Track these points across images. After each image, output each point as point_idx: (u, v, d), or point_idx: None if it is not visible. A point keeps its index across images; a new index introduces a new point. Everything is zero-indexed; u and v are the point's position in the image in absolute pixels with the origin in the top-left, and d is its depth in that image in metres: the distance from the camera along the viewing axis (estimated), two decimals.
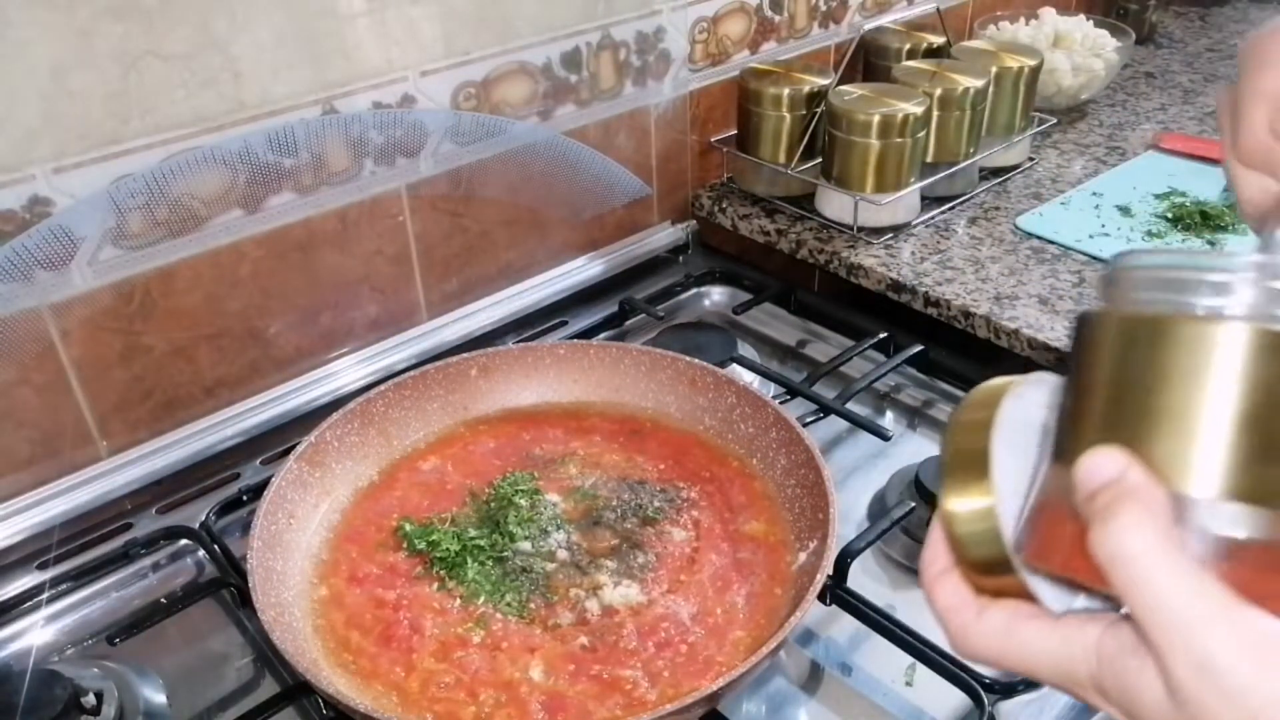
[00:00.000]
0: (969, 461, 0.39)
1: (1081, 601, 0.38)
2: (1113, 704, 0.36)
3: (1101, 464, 0.35)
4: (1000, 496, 0.38)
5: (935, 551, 0.41)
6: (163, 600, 0.79)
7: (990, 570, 0.39)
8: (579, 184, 1.12)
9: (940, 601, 0.41)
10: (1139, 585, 0.33)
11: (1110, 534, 0.33)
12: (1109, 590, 0.34)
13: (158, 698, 0.71)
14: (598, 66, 1.08)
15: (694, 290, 1.18)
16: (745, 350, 1.03)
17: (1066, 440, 0.37)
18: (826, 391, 0.94)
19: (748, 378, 0.95)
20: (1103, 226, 1.18)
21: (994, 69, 1.23)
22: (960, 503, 0.39)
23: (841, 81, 1.19)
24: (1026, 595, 0.38)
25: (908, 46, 1.32)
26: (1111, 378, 0.36)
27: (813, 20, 1.32)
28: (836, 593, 0.74)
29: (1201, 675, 0.32)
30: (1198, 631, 0.32)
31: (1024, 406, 0.40)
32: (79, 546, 0.84)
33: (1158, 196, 1.24)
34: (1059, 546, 0.36)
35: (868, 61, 1.35)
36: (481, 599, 0.72)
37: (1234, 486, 0.33)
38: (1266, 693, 0.31)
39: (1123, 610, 0.35)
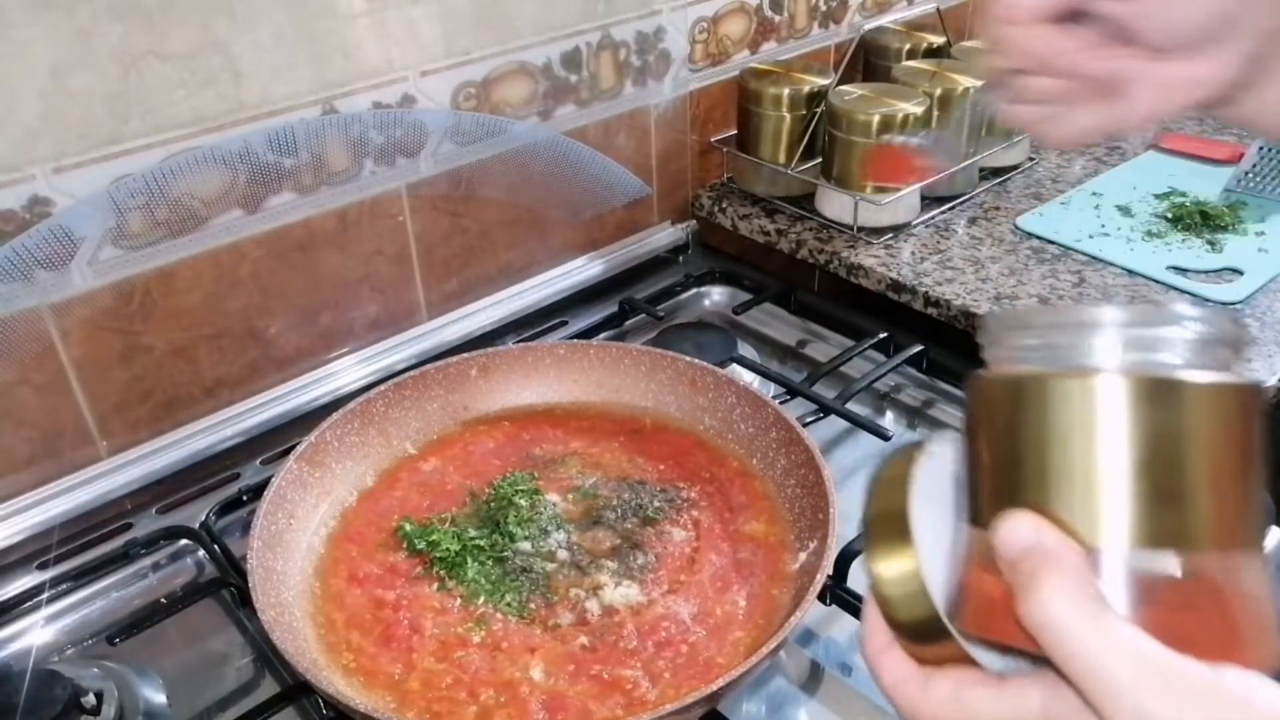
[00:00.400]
0: (890, 522, 0.39)
1: (1022, 660, 0.37)
2: None
3: (1016, 531, 0.35)
4: (924, 557, 0.38)
5: (874, 627, 0.41)
6: (163, 600, 0.79)
7: (925, 636, 0.39)
8: (579, 184, 1.12)
9: (886, 677, 0.41)
10: (1072, 652, 0.33)
11: (1036, 603, 0.34)
12: (1040, 653, 0.34)
13: (158, 698, 0.71)
14: (598, 66, 1.08)
15: (694, 290, 1.18)
16: (745, 350, 1.03)
17: (976, 503, 0.38)
18: (826, 391, 0.94)
19: (748, 378, 0.95)
20: (1103, 226, 1.18)
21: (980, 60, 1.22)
22: (886, 565, 0.39)
23: (841, 81, 1.19)
24: (966, 659, 0.38)
25: (908, 46, 1.32)
26: (1004, 439, 0.37)
27: (813, 20, 1.32)
28: (836, 593, 0.74)
29: None
30: (1137, 692, 0.32)
31: (939, 465, 0.41)
32: (79, 546, 0.84)
33: (1158, 196, 1.24)
34: (989, 612, 0.36)
35: (868, 61, 1.36)
36: (481, 599, 0.72)
37: (1140, 534, 0.34)
38: None
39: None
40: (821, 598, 0.73)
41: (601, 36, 1.07)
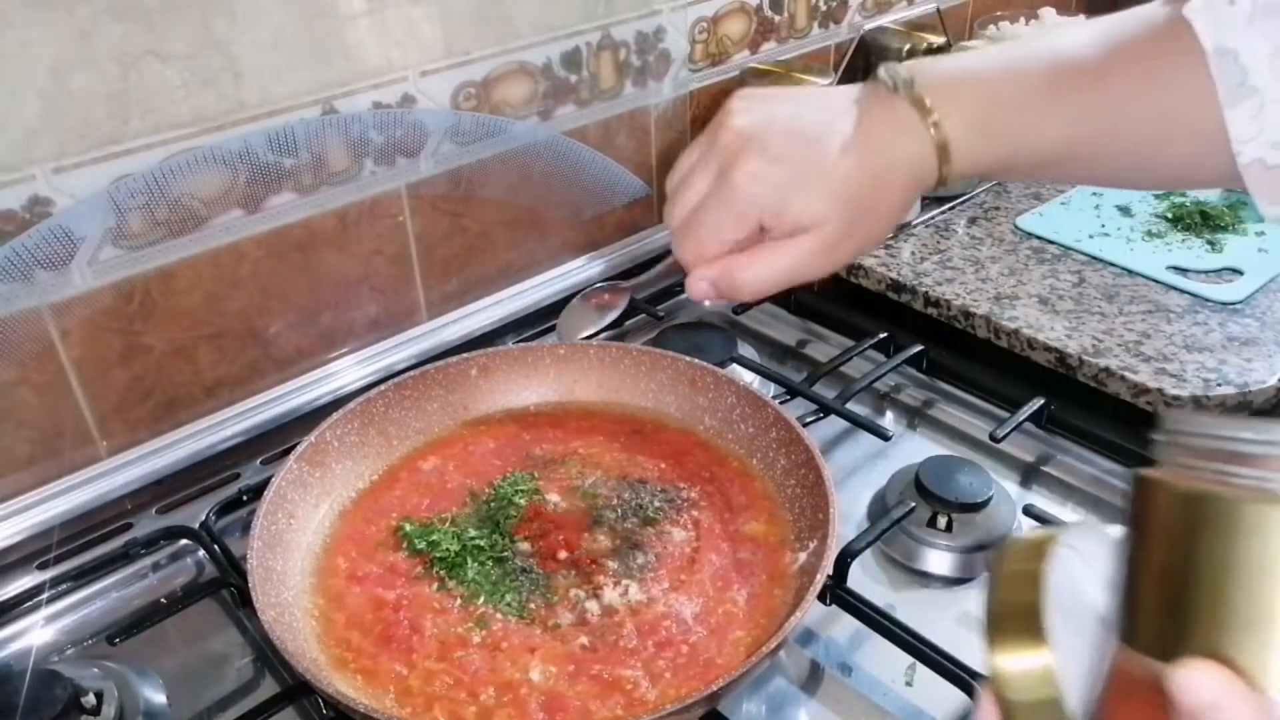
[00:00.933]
0: (1021, 620, 0.36)
1: None
2: None
3: (1197, 683, 0.32)
4: (1059, 664, 0.35)
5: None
6: (163, 600, 0.79)
7: None
8: (579, 184, 1.12)
9: None
10: None
11: None
12: None
13: (158, 698, 0.71)
14: (598, 66, 1.08)
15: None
16: (745, 350, 1.03)
17: (1134, 622, 0.34)
18: (826, 391, 0.94)
19: (748, 378, 0.95)
20: (1103, 226, 1.18)
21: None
22: (1014, 666, 0.35)
23: (841, 81, 1.19)
24: None
25: (908, 46, 1.32)
26: (1179, 562, 0.33)
27: (813, 20, 1.32)
28: (836, 593, 0.74)
29: None
30: None
31: (1072, 562, 0.37)
32: (79, 546, 0.84)
33: (1158, 196, 1.24)
34: None
35: (868, 61, 1.36)
36: (481, 599, 0.72)
37: None
38: None
39: None
40: (821, 598, 0.73)
41: (601, 36, 1.07)
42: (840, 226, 0.54)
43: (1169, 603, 0.33)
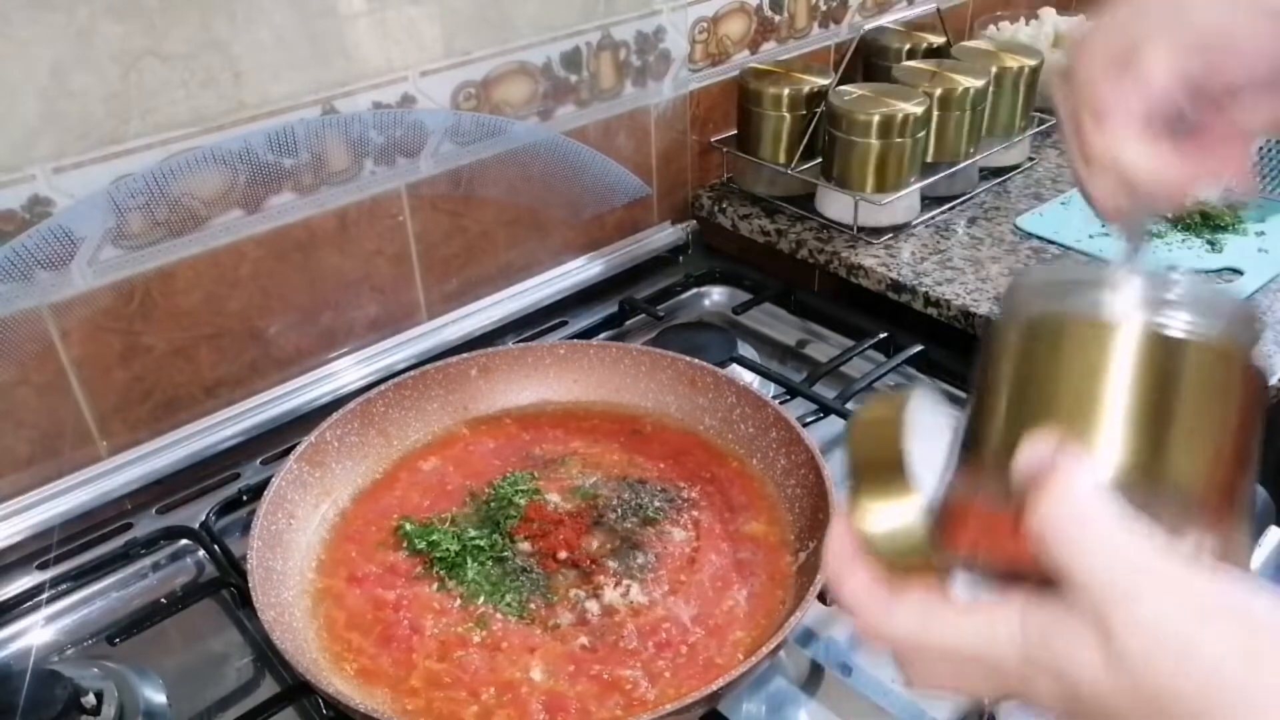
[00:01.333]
0: (882, 465, 0.41)
1: (989, 595, 0.39)
2: (1041, 676, 0.36)
3: (1035, 447, 0.37)
4: (920, 491, 0.40)
5: (843, 537, 0.41)
6: (163, 600, 0.79)
7: (905, 568, 0.40)
8: (579, 184, 1.12)
9: (851, 587, 0.40)
10: (1074, 549, 0.34)
11: (1044, 503, 0.35)
12: (1027, 563, 0.36)
13: (158, 698, 0.71)
14: (598, 66, 1.08)
15: (694, 290, 1.18)
16: (745, 350, 1.03)
17: (983, 433, 0.40)
18: (826, 391, 0.94)
19: (748, 378, 0.95)
20: (1102, 226, 1.18)
21: (994, 69, 1.23)
22: (879, 503, 0.41)
23: (841, 81, 1.19)
24: (939, 584, 0.40)
25: (908, 46, 1.32)
26: (1022, 374, 0.40)
27: (813, 20, 1.32)
28: None
29: (1147, 637, 0.33)
30: (1139, 594, 0.33)
31: (915, 415, 0.43)
32: (79, 546, 0.84)
33: None
34: (979, 531, 0.39)
35: (868, 61, 1.35)
36: (481, 599, 0.72)
37: (1137, 465, 0.37)
38: (1212, 646, 0.32)
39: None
40: (821, 598, 0.73)
41: (601, 36, 1.07)
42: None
43: (1012, 410, 0.39)
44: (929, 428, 0.43)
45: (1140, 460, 0.37)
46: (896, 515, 0.40)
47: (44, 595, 0.78)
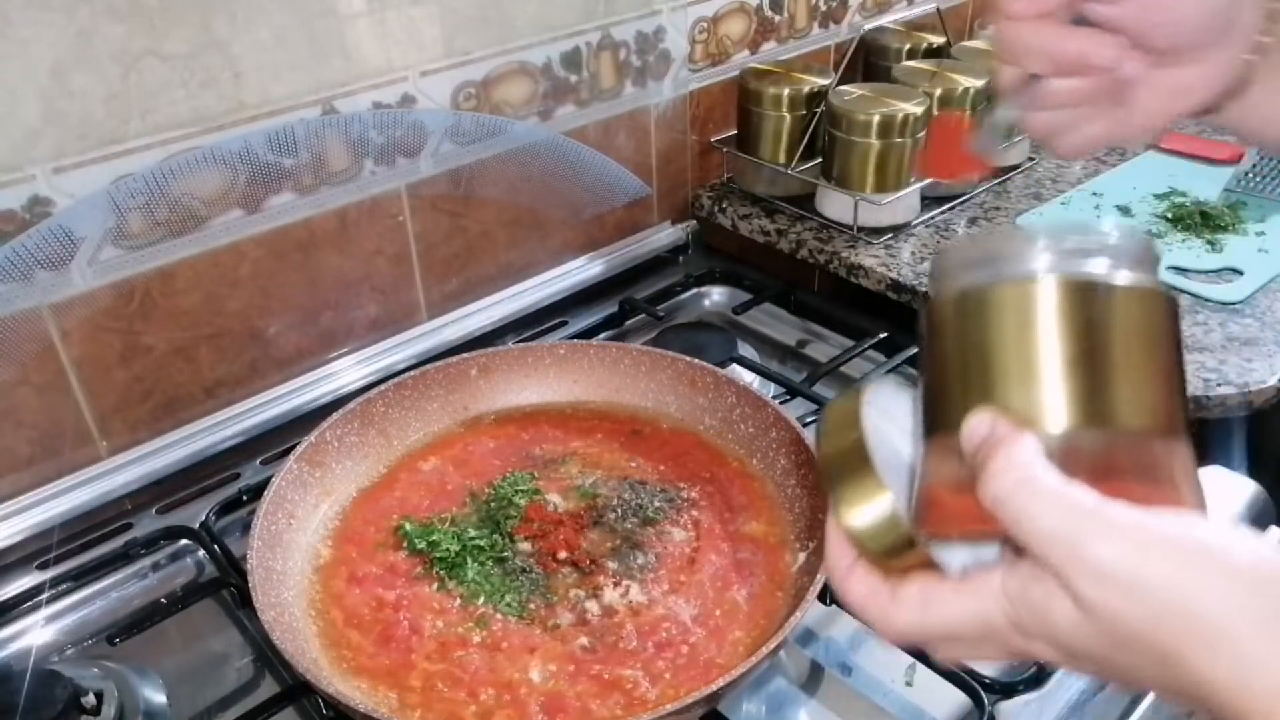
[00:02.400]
0: (852, 466, 0.43)
1: (982, 557, 0.41)
2: (1034, 638, 0.38)
3: (975, 426, 0.39)
4: (888, 483, 0.42)
5: (837, 550, 0.44)
6: (163, 600, 0.79)
7: (895, 555, 0.42)
8: (579, 184, 1.12)
9: (854, 595, 0.43)
10: (1024, 516, 0.36)
11: (991, 478, 0.37)
12: (1001, 534, 0.38)
13: (158, 698, 0.71)
14: (598, 66, 1.08)
15: (694, 290, 1.18)
16: (745, 350, 1.03)
17: (934, 416, 0.42)
18: (827, 391, 0.94)
19: (748, 378, 0.95)
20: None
21: (994, 69, 1.22)
22: (857, 502, 0.43)
23: (841, 81, 1.19)
24: (931, 565, 0.41)
25: (908, 46, 1.32)
26: (957, 351, 0.41)
27: (813, 20, 1.32)
28: None
29: (1100, 581, 0.35)
30: (1085, 543, 0.35)
31: (877, 408, 0.45)
32: (79, 546, 0.84)
33: (1158, 196, 1.24)
34: (952, 511, 0.41)
35: (868, 61, 1.35)
36: (481, 599, 0.72)
37: (1077, 415, 0.38)
38: (1156, 577, 0.34)
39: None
40: (821, 598, 0.73)
41: (601, 36, 1.07)
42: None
43: (953, 387, 0.41)
44: (893, 415, 0.45)
45: (1084, 409, 0.38)
46: (874, 510, 0.42)
47: (44, 595, 0.78)
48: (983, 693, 0.65)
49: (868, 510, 0.42)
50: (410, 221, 1.00)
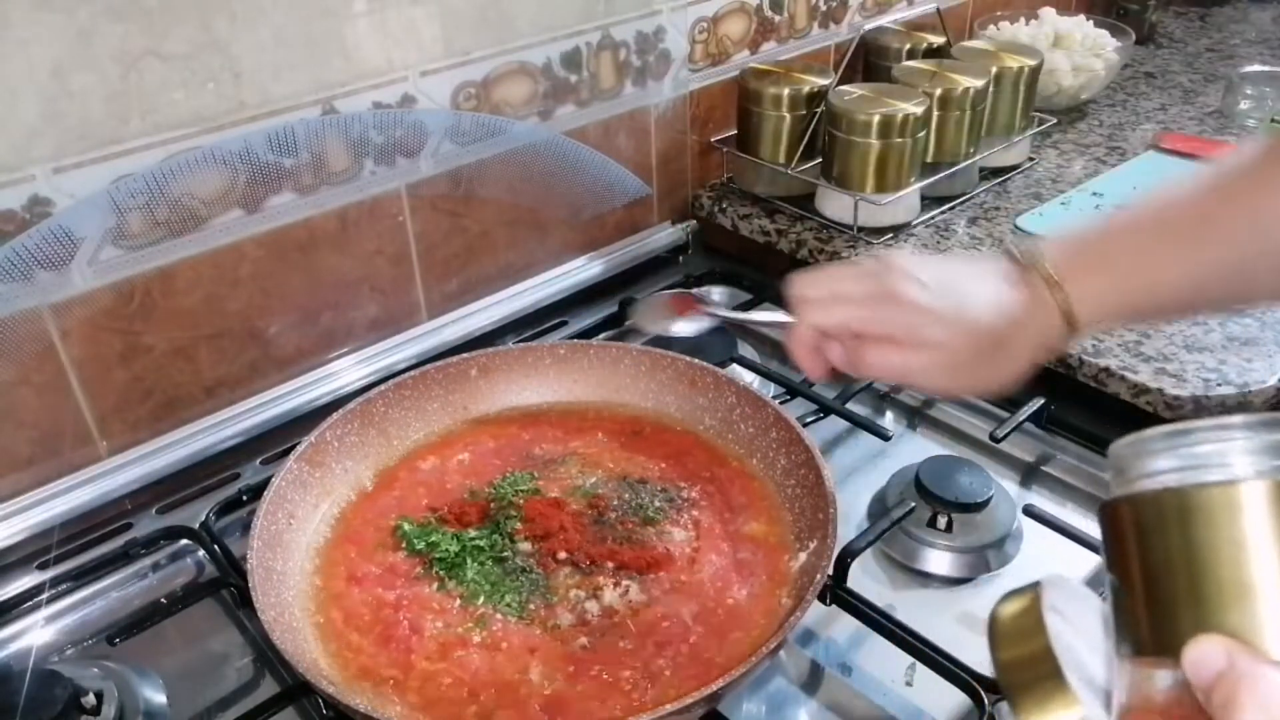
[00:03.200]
0: (1040, 675, 0.39)
1: None
2: None
3: (1205, 656, 0.34)
4: (1083, 702, 0.38)
5: None
6: (163, 600, 0.79)
7: None
8: (579, 184, 1.12)
9: None
10: None
11: (1241, 717, 0.32)
12: None
13: (158, 698, 0.71)
14: (598, 66, 1.08)
15: (694, 290, 1.18)
16: (745, 350, 1.03)
17: (1139, 635, 0.37)
18: (826, 391, 0.94)
19: (748, 378, 0.95)
20: None
21: (994, 69, 1.23)
22: (1045, 713, 0.39)
23: (841, 81, 1.19)
24: None
25: (908, 46, 1.32)
26: (1161, 562, 0.36)
27: (813, 20, 1.32)
28: (836, 593, 0.74)
29: None
30: None
31: (1056, 611, 0.41)
32: (79, 546, 0.84)
33: None
34: None
35: (868, 61, 1.36)
36: (481, 599, 0.72)
37: None
38: None
39: None
40: (821, 598, 0.73)
41: (601, 36, 1.07)
42: (964, 358, 0.61)
43: (1159, 602, 0.36)
44: (1069, 617, 0.41)
45: None
46: None
47: (44, 595, 0.78)
48: (983, 693, 0.65)
49: None
50: (410, 221, 1.00)
